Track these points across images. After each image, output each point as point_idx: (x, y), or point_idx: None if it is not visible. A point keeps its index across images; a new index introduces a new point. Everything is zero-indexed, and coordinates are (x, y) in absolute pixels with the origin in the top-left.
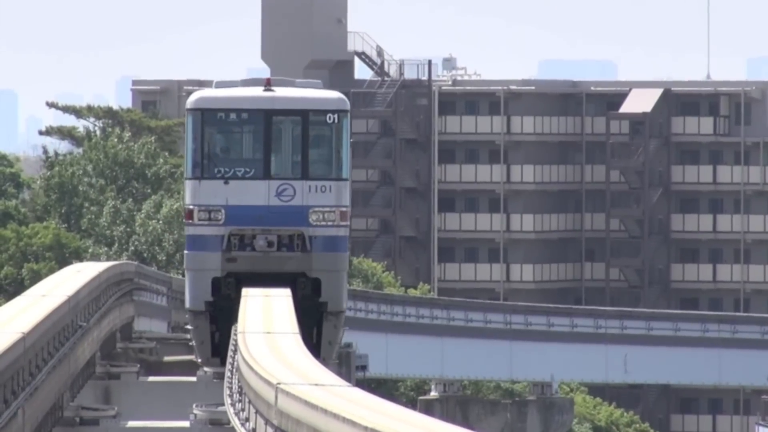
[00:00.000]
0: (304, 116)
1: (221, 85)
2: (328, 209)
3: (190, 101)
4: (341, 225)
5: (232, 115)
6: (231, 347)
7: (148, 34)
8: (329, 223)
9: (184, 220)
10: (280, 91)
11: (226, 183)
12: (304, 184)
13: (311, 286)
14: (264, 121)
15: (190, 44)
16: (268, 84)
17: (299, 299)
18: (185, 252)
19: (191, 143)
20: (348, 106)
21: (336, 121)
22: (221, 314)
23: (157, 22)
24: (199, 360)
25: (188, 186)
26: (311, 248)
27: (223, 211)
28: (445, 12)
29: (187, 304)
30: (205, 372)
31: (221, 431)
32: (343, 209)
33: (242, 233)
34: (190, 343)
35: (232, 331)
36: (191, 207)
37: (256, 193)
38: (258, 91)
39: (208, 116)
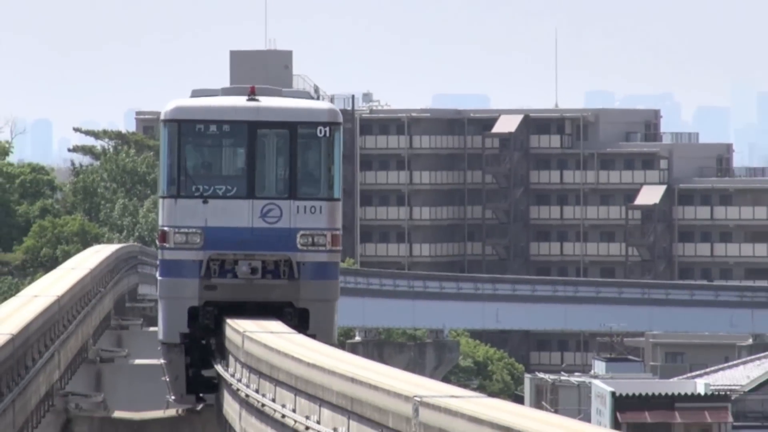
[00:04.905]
0: (293, 129)
1: (199, 93)
2: (318, 232)
3: (166, 111)
4: (333, 250)
5: (213, 127)
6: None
7: (147, 78)
8: (319, 248)
9: (157, 243)
10: (265, 101)
11: (205, 202)
12: (292, 204)
13: (298, 317)
14: (248, 133)
15: (179, 84)
16: (252, 93)
17: None
18: (158, 278)
19: (167, 158)
20: (340, 119)
21: (327, 134)
22: (197, 347)
23: (154, 69)
24: (173, 398)
25: (163, 205)
26: (299, 275)
27: (201, 233)
28: (365, 57)
29: (160, 336)
30: None
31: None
32: (335, 232)
33: (223, 258)
34: (163, 378)
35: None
36: (166, 228)
37: (238, 213)
38: (241, 101)
39: (185, 128)
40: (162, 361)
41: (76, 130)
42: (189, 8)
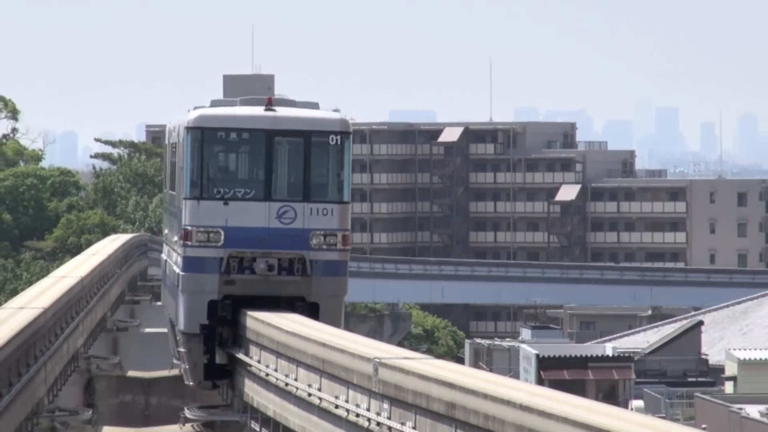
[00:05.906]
0: (307, 137)
1: (218, 103)
2: (329, 233)
3: (190, 119)
4: (343, 249)
5: (233, 135)
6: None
7: (155, 97)
8: (331, 247)
9: (181, 241)
10: (281, 111)
11: (225, 204)
12: (306, 206)
13: (309, 310)
14: (265, 141)
15: (182, 102)
16: (269, 103)
17: None
18: (181, 273)
19: (189, 162)
20: (350, 128)
21: (338, 143)
22: (215, 337)
23: (161, 89)
24: (191, 383)
25: (186, 206)
26: (311, 272)
27: (222, 232)
28: (333, 79)
29: (181, 327)
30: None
31: None
32: (345, 233)
33: (242, 255)
34: (183, 366)
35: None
36: (189, 228)
37: (256, 214)
38: (259, 111)
39: (208, 135)
40: (181, 349)
41: (97, 140)
42: (190, 39)
